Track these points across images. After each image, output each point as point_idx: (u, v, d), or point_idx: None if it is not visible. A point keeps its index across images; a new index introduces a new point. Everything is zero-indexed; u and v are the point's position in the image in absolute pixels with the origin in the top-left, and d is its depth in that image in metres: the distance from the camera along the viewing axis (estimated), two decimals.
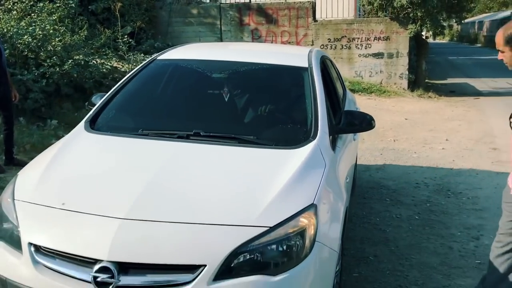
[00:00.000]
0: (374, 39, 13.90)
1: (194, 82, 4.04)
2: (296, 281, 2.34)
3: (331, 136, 3.31)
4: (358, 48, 14.04)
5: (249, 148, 3.03)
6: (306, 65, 3.83)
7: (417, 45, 15.15)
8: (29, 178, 2.81)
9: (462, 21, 16.05)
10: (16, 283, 2.41)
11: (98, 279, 2.22)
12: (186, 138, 3.13)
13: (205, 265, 2.23)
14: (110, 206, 2.46)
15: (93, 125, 3.39)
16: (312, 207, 2.51)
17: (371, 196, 5.67)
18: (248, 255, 2.30)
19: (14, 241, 2.48)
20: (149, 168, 2.79)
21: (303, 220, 2.44)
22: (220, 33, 14.84)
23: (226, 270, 2.25)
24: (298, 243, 2.39)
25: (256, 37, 14.65)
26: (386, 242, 4.48)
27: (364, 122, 3.55)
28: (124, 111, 3.63)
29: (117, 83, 3.95)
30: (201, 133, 3.15)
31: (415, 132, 9.28)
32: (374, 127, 3.61)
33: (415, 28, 13.36)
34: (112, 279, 2.21)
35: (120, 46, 10.92)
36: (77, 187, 2.70)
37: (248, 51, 4.97)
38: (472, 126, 9.92)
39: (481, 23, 49.56)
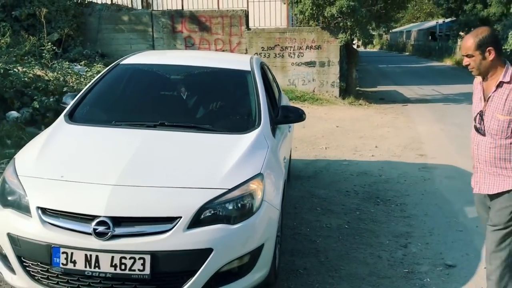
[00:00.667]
0: (306, 47, 14.08)
1: (155, 83, 4.78)
2: (249, 228, 3.10)
3: (271, 126, 4.09)
4: (291, 56, 14.17)
5: (208, 134, 3.83)
6: (249, 69, 4.63)
7: (347, 54, 15.47)
8: (27, 159, 3.40)
9: (390, 31, 16.61)
10: (28, 239, 2.96)
11: (97, 231, 2.85)
12: (153, 127, 3.83)
13: (180, 217, 2.93)
14: (103, 176, 3.12)
15: (71, 119, 3.99)
16: (259, 175, 3.31)
17: (301, 205, 5.65)
18: (213, 210, 3.03)
19: (23, 207, 3.05)
20: (128, 148, 3.48)
21: (252, 185, 3.21)
22: (152, 40, 14.58)
23: (197, 221, 2.96)
24: (250, 201, 3.16)
25: (189, 44, 14.48)
26: (316, 253, 4.44)
27: (296, 115, 4.39)
28: (97, 107, 4.28)
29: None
30: (165, 123, 3.86)
31: (346, 139, 9.41)
32: (305, 119, 4.45)
33: (346, 37, 13.61)
34: (109, 230, 2.85)
35: (44, 54, 10.43)
36: (71, 163, 3.34)
37: (199, 57, 5.94)
38: (400, 132, 10.19)
39: (408, 32, 51.57)
